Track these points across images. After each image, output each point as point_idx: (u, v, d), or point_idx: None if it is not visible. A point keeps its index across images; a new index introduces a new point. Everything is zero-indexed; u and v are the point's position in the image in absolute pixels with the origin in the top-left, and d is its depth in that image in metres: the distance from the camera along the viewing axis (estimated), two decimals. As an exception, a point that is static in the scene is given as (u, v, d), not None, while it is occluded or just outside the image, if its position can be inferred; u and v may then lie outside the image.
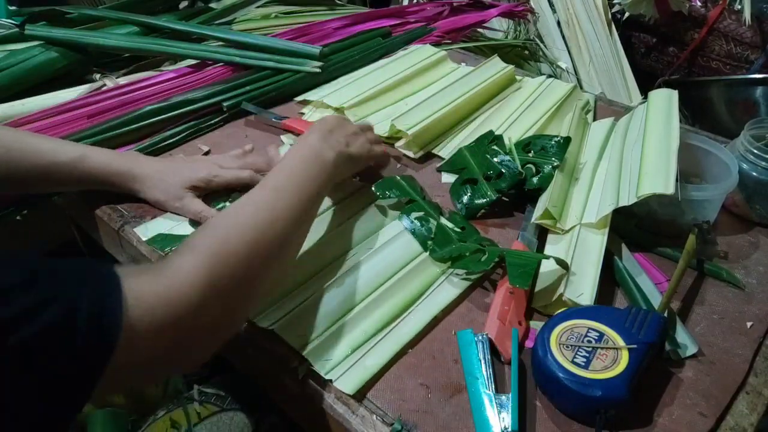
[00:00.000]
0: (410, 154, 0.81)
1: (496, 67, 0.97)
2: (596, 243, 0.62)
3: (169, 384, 0.69)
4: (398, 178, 0.73)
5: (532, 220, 0.66)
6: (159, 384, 0.70)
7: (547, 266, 0.60)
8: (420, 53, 1.04)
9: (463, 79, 0.93)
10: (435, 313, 0.57)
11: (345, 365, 0.52)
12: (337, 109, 0.89)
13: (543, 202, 0.67)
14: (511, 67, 0.98)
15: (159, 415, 0.65)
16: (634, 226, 0.67)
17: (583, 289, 0.57)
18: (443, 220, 0.68)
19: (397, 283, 0.60)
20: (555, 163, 0.71)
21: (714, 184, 0.66)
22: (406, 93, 0.95)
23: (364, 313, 0.57)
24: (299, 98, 0.94)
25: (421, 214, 0.68)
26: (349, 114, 0.87)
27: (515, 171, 0.71)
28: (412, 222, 0.67)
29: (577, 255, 0.61)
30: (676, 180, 0.59)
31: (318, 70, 0.95)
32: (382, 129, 0.84)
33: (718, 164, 0.69)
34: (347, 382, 0.50)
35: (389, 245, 0.64)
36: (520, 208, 0.72)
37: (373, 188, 0.71)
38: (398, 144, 0.83)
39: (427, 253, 0.64)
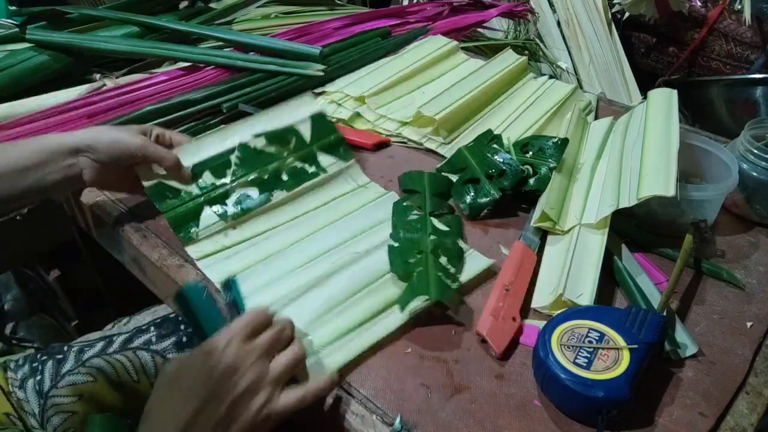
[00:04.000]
0: (440, 139, 0.83)
1: (510, 59, 1.00)
2: (596, 243, 0.62)
3: None
4: (425, 173, 0.75)
5: (531, 223, 0.66)
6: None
7: (547, 267, 0.61)
8: (433, 43, 1.06)
9: (479, 70, 0.95)
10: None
11: (318, 356, 0.53)
12: (357, 99, 0.91)
13: (541, 205, 0.67)
14: (524, 58, 1.00)
15: None
16: (634, 226, 0.67)
17: (583, 289, 0.57)
18: (432, 219, 0.68)
19: (381, 287, 0.59)
20: (552, 165, 0.71)
21: (714, 184, 0.66)
22: (422, 82, 0.97)
23: (353, 302, 0.58)
24: (317, 90, 0.96)
25: (410, 204, 0.69)
26: (370, 102, 0.89)
27: (518, 169, 0.70)
28: (401, 206, 0.69)
29: (576, 255, 0.60)
30: (677, 180, 0.59)
31: (321, 73, 0.95)
32: (404, 115, 0.87)
33: (718, 164, 0.69)
34: (333, 359, 0.52)
35: (379, 249, 0.64)
36: (521, 209, 0.72)
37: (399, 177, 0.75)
38: (426, 131, 0.84)
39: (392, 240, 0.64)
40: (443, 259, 0.61)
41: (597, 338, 0.50)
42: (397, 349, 0.54)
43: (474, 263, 0.62)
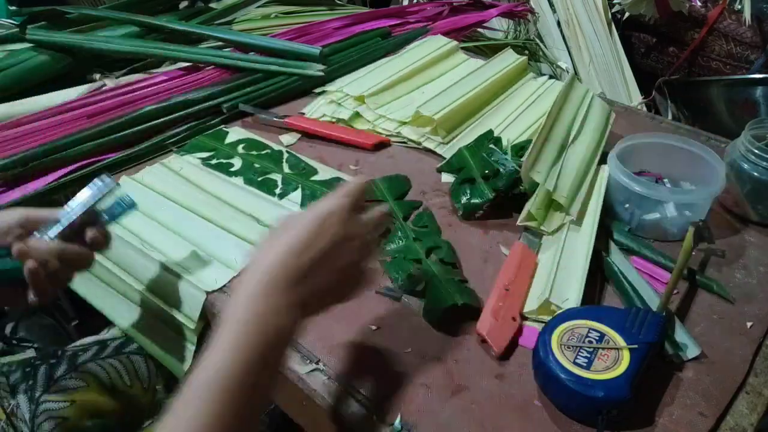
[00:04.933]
0: (438, 139, 0.82)
1: (510, 58, 1.00)
2: (583, 246, 0.62)
3: (157, 392, 0.69)
4: (376, 180, 0.75)
5: (518, 222, 0.66)
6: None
7: (540, 270, 0.61)
8: (433, 43, 1.06)
9: (479, 70, 0.95)
10: None
11: None
12: (357, 98, 0.91)
13: (528, 204, 0.67)
14: (524, 58, 1.00)
15: (145, 425, 0.65)
16: (627, 231, 0.67)
17: (569, 294, 0.57)
18: (408, 223, 0.69)
19: None
20: None
21: (702, 187, 0.66)
22: (422, 82, 0.97)
23: None
24: (317, 90, 0.95)
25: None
26: (369, 102, 0.89)
27: (512, 169, 0.70)
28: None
29: (564, 259, 0.61)
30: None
31: (321, 73, 0.95)
32: (403, 115, 0.86)
33: (706, 167, 0.69)
34: None
35: None
36: (520, 209, 0.72)
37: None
38: (425, 130, 0.84)
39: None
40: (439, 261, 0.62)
41: (597, 338, 0.50)
42: (397, 349, 0.54)
43: None
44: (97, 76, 0.96)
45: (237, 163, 0.78)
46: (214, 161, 0.79)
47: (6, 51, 0.94)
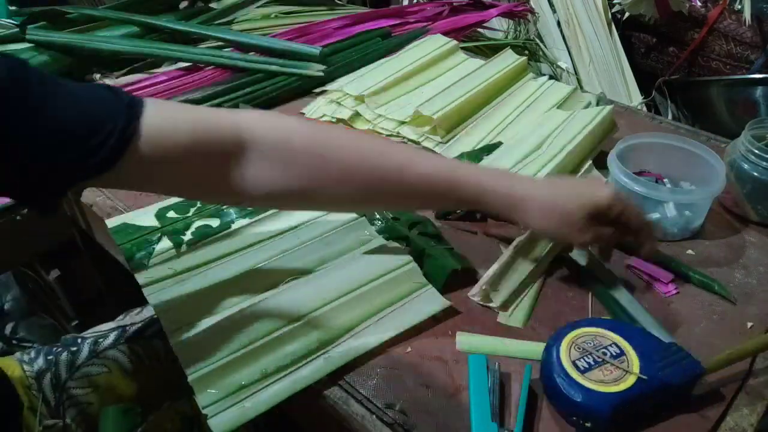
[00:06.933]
0: (438, 138, 0.82)
1: (510, 59, 0.99)
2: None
3: (173, 378, 0.70)
4: None
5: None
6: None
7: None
8: (433, 43, 1.06)
9: (479, 69, 0.95)
10: (337, 365, 0.52)
11: (226, 402, 0.49)
12: (357, 98, 0.90)
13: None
14: (523, 58, 1.00)
15: (164, 405, 0.66)
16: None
17: (504, 291, 0.59)
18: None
19: (316, 319, 0.55)
20: None
21: (702, 187, 0.66)
22: (421, 81, 0.97)
23: (272, 345, 0.53)
24: (317, 90, 0.95)
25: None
26: (369, 102, 0.89)
27: None
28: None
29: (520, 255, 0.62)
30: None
31: (321, 73, 0.95)
32: (403, 114, 0.86)
33: (706, 167, 0.69)
34: (220, 421, 0.47)
35: (330, 272, 0.60)
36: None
37: None
38: (424, 130, 0.84)
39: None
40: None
41: (614, 354, 0.48)
42: (397, 349, 0.54)
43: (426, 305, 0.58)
44: (97, 76, 0.96)
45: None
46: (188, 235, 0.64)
47: (6, 51, 0.94)
